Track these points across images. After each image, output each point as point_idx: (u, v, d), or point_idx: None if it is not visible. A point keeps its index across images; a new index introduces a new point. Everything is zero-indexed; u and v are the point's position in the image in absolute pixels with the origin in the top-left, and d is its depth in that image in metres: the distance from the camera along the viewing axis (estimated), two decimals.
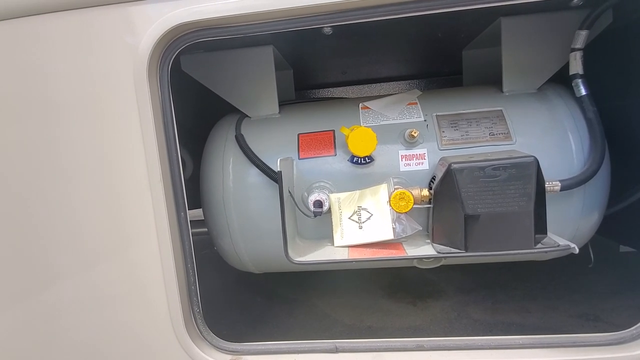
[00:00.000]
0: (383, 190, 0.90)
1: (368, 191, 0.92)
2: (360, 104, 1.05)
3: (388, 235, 0.87)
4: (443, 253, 0.82)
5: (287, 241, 0.83)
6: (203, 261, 0.93)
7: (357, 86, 1.72)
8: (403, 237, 0.88)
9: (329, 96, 1.75)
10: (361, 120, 1.01)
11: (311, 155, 0.98)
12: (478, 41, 1.15)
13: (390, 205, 0.86)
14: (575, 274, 1.27)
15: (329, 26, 0.85)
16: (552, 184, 0.84)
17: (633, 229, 1.07)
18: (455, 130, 0.95)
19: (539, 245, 0.79)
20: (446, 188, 0.81)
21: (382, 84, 1.71)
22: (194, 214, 1.04)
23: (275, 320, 1.18)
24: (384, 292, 1.30)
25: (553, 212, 0.82)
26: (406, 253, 0.84)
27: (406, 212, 0.85)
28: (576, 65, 0.90)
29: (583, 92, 0.91)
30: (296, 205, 0.94)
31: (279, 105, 1.06)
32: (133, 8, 0.75)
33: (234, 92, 1.05)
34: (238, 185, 0.99)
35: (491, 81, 1.06)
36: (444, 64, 1.49)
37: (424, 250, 0.85)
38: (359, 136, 0.89)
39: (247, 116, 1.07)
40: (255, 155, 0.98)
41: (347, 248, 0.89)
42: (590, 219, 0.94)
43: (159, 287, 0.81)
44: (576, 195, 0.90)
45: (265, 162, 0.96)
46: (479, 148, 0.92)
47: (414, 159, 0.93)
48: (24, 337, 0.88)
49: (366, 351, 0.81)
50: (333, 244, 0.91)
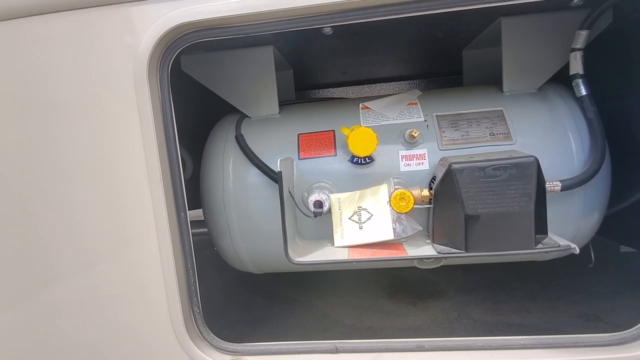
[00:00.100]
0: (383, 190, 0.90)
1: (368, 191, 0.92)
2: (360, 104, 1.05)
3: (388, 235, 0.87)
4: (443, 253, 0.82)
5: (287, 241, 0.83)
6: (203, 261, 0.93)
7: (357, 86, 1.72)
8: (403, 238, 0.88)
9: (329, 96, 1.74)
10: (361, 120, 1.01)
11: (311, 155, 0.98)
12: (478, 41, 1.15)
13: (390, 205, 0.86)
14: (575, 274, 1.27)
15: (329, 26, 0.85)
16: (553, 184, 0.84)
17: (633, 229, 1.07)
18: (455, 130, 0.95)
19: (540, 245, 0.79)
20: (446, 188, 0.81)
21: (382, 84, 1.70)
22: (194, 214, 1.04)
23: (275, 320, 1.18)
24: (384, 293, 1.30)
25: (553, 212, 0.82)
26: (406, 253, 0.84)
27: (406, 213, 0.85)
28: (576, 65, 0.90)
29: (583, 92, 0.91)
30: (296, 205, 0.93)
31: (279, 105, 1.06)
32: (133, 8, 0.75)
33: (234, 92, 1.05)
34: (238, 185, 0.99)
35: (491, 81, 1.06)
36: (444, 64, 1.49)
37: (425, 250, 0.85)
38: (359, 136, 0.89)
39: (247, 116, 1.07)
40: (255, 155, 0.98)
41: (347, 248, 0.89)
42: (590, 219, 0.94)
43: (159, 288, 0.81)
44: (577, 195, 0.89)
45: (265, 163, 0.96)
46: (480, 148, 0.92)
47: (414, 159, 0.93)
48: (24, 337, 0.88)
49: (366, 352, 0.81)
50: (333, 244, 0.91)
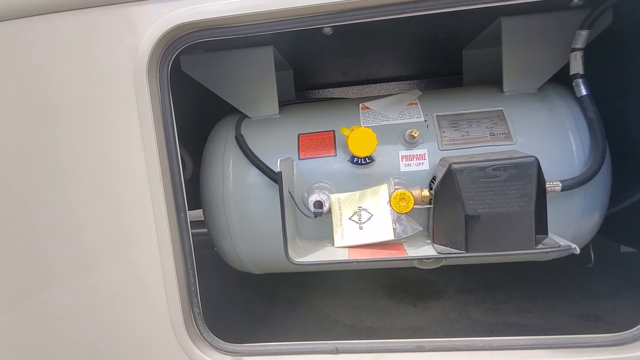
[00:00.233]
0: (383, 190, 0.90)
1: (368, 191, 0.91)
2: (360, 104, 1.05)
3: (388, 235, 0.87)
4: (443, 253, 0.82)
5: (287, 242, 0.83)
6: (203, 262, 0.93)
7: (357, 86, 1.72)
8: (403, 238, 0.88)
9: (329, 96, 1.74)
10: (361, 120, 1.00)
11: (311, 155, 0.98)
12: (478, 41, 1.15)
13: (390, 205, 0.86)
14: (575, 274, 1.27)
15: (329, 26, 0.85)
16: (553, 184, 0.84)
17: (634, 229, 1.07)
18: (455, 130, 0.95)
19: (540, 245, 0.78)
20: (447, 188, 0.81)
21: (382, 84, 1.70)
22: (194, 215, 1.04)
23: (275, 321, 1.18)
24: (385, 293, 1.30)
25: (554, 213, 0.82)
26: (406, 253, 0.84)
27: (406, 213, 0.85)
28: (577, 65, 0.90)
29: (584, 92, 0.90)
30: (296, 205, 0.93)
31: (279, 105, 1.06)
32: (133, 8, 0.75)
33: (234, 93, 1.05)
34: (238, 185, 0.99)
35: (491, 81, 1.06)
36: (444, 64, 1.49)
37: (425, 250, 0.85)
38: (359, 136, 0.89)
39: (247, 116, 1.07)
40: (255, 155, 0.98)
41: (348, 248, 0.89)
42: (591, 219, 0.94)
43: (159, 288, 0.81)
44: (577, 195, 0.89)
45: (265, 163, 0.96)
46: (480, 148, 0.92)
47: (414, 160, 0.93)
48: (24, 337, 0.88)
49: (366, 352, 0.81)
50: (333, 245, 0.91)
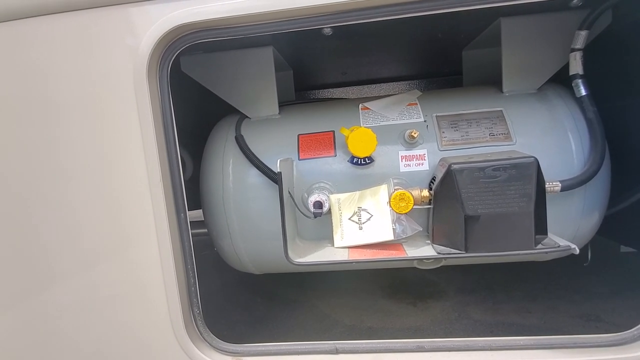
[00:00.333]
0: (383, 191, 0.90)
1: (368, 192, 0.92)
2: (360, 105, 1.05)
3: (388, 236, 0.87)
4: (443, 254, 0.82)
5: (287, 242, 0.83)
6: (203, 262, 0.93)
7: (357, 87, 1.72)
8: (403, 238, 0.88)
9: (329, 97, 1.75)
10: (361, 120, 1.01)
11: (311, 156, 0.98)
12: (478, 41, 1.15)
13: (390, 206, 0.86)
14: (575, 274, 1.27)
15: (329, 27, 0.85)
16: (553, 185, 0.84)
17: (634, 230, 1.07)
18: (455, 130, 0.95)
19: (540, 245, 0.79)
20: (446, 189, 0.81)
21: (382, 85, 1.70)
22: (194, 215, 1.04)
23: (275, 321, 1.18)
24: (385, 293, 1.30)
25: (553, 213, 0.82)
26: (406, 254, 0.84)
27: (406, 213, 0.85)
28: (576, 65, 0.90)
29: (583, 92, 0.91)
30: (296, 206, 0.93)
31: (279, 106, 1.06)
32: (133, 9, 0.75)
33: (234, 93, 1.05)
34: (238, 186, 0.99)
35: (491, 81, 1.06)
36: (444, 65, 1.49)
37: (424, 251, 0.85)
38: (359, 137, 0.89)
39: (247, 117, 1.07)
40: (255, 156, 0.98)
41: (347, 249, 0.89)
42: (590, 220, 0.94)
43: (159, 288, 0.81)
44: (577, 195, 0.89)
45: (265, 163, 0.96)
46: (479, 148, 0.92)
47: (414, 160, 0.93)
48: (24, 337, 0.88)
49: (366, 352, 0.81)
50: (333, 245, 0.91)
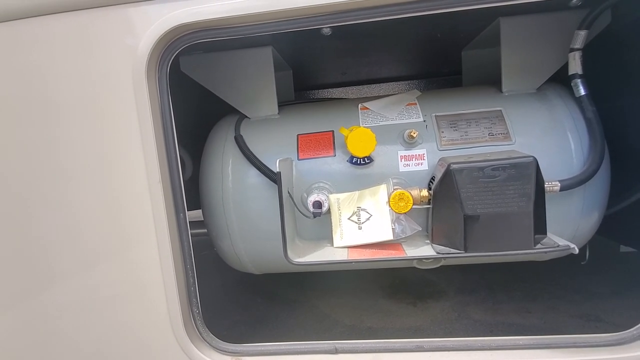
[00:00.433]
0: (382, 190, 0.90)
1: (367, 192, 0.92)
2: (359, 105, 1.05)
3: (387, 235, 0.87)
4: (442, 253, 0.82)
5: (287, 242, 0.83)
6: (203, 262, 0.93)
7: (357, 87, 1.72)
8: (402, 238, 0.88)
9: (329, 97, 1.75)
10: (360, 120, 1.01)
11: (310, 156, 0.98)
12: (477, 41, 1.15)
13: (389, 205, 0.86)
14: (576, 275, 1.27)
15: (328, 27, 0.85)
16: (552, 184, 0.84)
17: (633, 229, 1.07)
18: (454, 130, 0.95)
19: (539, 245, 0.78)
20: (445, 188, 0.81)
21: (382, 85, 1.70)
22: (194, 215, 1.04)
23: (275, 321, 1.18)
24: (384, 293, 1.30)
25: (553, 212, 0.82)
26: (405, 254, 0.84)
27: (405, 213, 0.85)
28: (575, 65, 0.90)
29: (582, 92, 0.90)
30: (295, 206, 0.93)
31: (279, 106, 1.06)
32: (132, 9, 0.75)
33: (233, 93, 1.05)
34: (237, 186, 0.99)
35: (490, 81, 1.06)
36: (444, 64, 1.49)
37: (424, 250, 0.85)
38: (358, 137, 0.89)
39: (247, 117, 1.07)
40: (254, 156, 0.98)
41: (347, 249, 0.89)
42: (590, 219, 0.94)
43: (159, 288, 0.81)
44: (576, 195, 0.89)
45: (264, 163, 0.96)
46: (479, 148, 0.92)
47: (413, 160, 0.93)
48: (24, 337, 0.88)
49: (366, 352, 0.81)
50: (332, 245, 0.91)
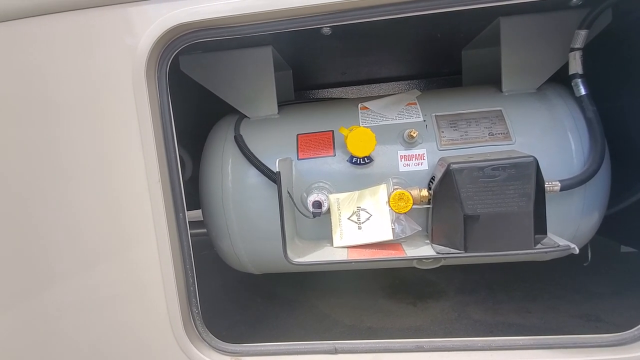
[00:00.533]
0: (382, 190, 0.90)
1: (367, 191, 0.91)
2: (359, 105, 1.05)
3: (387, 235, 0.87)
4: (442, 253, 0.82)
5: (286, 242, 0.83)
6: (202, 262, 0.93)
7: (357, 86, 1.72)
8: (402, 238, 0.88)
9: (328, 96, 1.75)
10: (360, 120, 1.00)
11: (310, 155, 0.98)
12: (477, 41, 1.15)
13: (389, 205, 0.86)
14: (575, 274, 1.27)
15: (328, 26, 0.85)
16: (552, 184, 0.83)
17: (634, 229, 1.07)
18: (454, 130, 0.95)
19: (539, 245, 0.78)
20: (445, 188, 0.81)
21: (382, 85, 1.70)
22: (194, 215, 1.04)
23: (274, 321, 1.18)
24: (384, 293, 1.30)
25: (553, 212, 0.82)
26: (405, 254, 0.84)
27: (405, 213, 0.85)
28: (575, 64, 0.90)
29: (583, 92, 0.90)
30: (295, 205, 0.93)
31: (278, 105, 1.06)
32: (132, 9, 0.75)
33: (233, 93, 1.05)
34: (237, 186, 0.99)
35: (491, 81, 1.06)
36: (444, 64, 1.49)
37: (424, 250, 0.85)
38: (358, 136, 0.89)
39: (246, 117, 1.07)
40: (254, 155, 0.98)
41: (347, 249, 0.89)
42: (590, 219, 0.94)
43: (158, 288, 0.81)
44: (576, 195, 0.89)
45: (264, 163, 0.96)
46: (479, 148, 0.92)
47: (413, 159, 0.93)
48: (24, 337, 0.88)
49: (366, 352, 0.81)
50: (332, 245, 0.91)
